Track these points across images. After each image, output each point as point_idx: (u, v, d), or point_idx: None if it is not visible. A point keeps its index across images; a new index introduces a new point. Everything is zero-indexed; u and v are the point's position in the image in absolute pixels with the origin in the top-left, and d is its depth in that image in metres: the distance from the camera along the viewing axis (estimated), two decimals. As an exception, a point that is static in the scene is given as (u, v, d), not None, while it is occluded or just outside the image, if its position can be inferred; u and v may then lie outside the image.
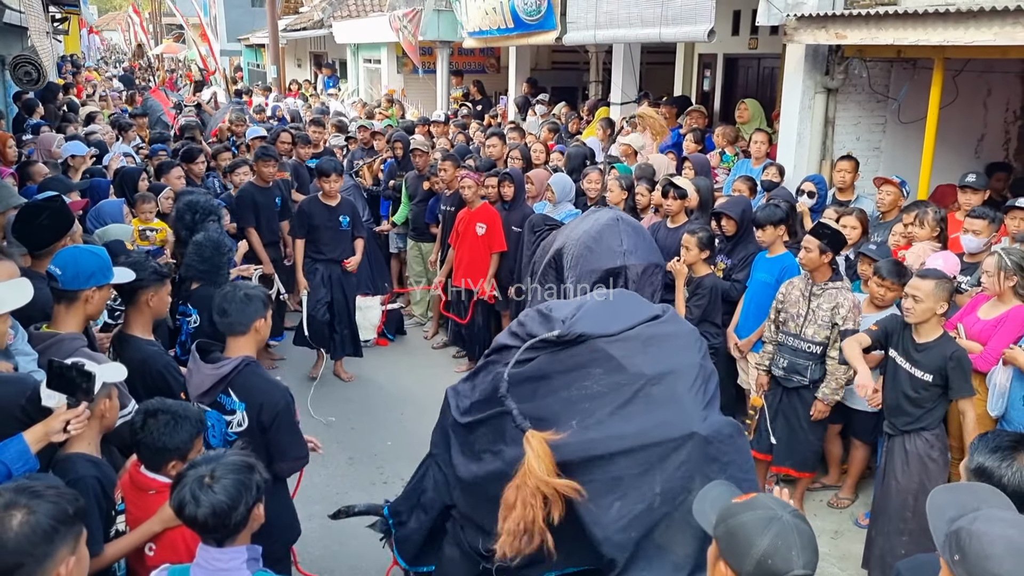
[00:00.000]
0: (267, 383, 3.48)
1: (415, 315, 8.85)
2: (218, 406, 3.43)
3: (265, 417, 3.39)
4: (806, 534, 1.89)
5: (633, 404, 3.16)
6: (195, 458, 2.45)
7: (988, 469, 2.38)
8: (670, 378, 3.21)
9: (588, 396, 3.22)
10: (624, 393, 3.18)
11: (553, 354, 3.36)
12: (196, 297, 5.12)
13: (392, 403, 6.88)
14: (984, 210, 5.29)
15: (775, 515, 1.91)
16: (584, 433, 3.12)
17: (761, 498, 1.99)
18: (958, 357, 4.20)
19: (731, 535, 1.93)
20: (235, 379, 3.42)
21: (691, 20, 7.75)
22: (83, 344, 3.38)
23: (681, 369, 3.25)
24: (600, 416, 3.16)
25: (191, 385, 3.49)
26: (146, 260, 3.92)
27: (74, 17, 21.17)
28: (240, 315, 3.49)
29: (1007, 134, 8.29)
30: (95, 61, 35.87)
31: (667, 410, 3.13)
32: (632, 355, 3.26)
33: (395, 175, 8.91)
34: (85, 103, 14.16)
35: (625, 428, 3.11)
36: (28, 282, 3.15)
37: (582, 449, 3.08)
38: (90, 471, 2.75)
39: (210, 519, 2.30)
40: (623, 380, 3.21)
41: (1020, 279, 4.52)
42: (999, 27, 5.15)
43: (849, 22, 6.18)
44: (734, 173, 7.58)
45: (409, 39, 14.10)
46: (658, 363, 3.25)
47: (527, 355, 3.39)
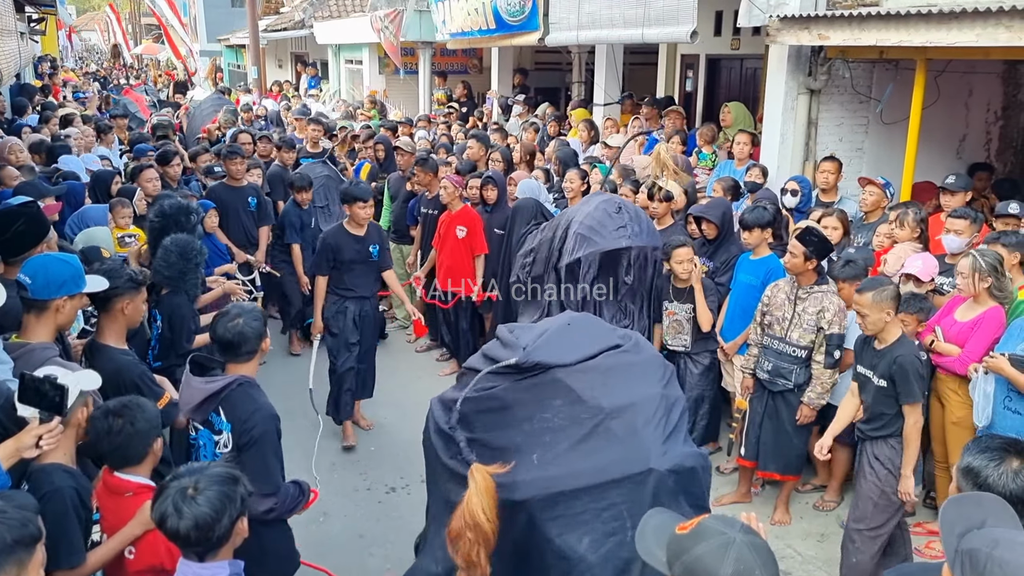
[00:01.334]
0: (253, 404, 3.31)
1: (398, 319, 8.77)
2: (209, 425, 3.33)
3: (243, 439, 3.26)
4: (763, 549, 1.85)
5: (592, 439, 3.10)
6: (178, 470, 2.38)
7: (976, 469, 2.35)
8: (629, 412, 3.13)
9: (549, 429, 3.16)
10: (584, 427, 3.12)
11: (515, 382, 3.29)
12: (163, 303, 4.94)
13: (375, 408, 6.80)
14: (966, 210, 5.30)
15: (728, 539, 1.86)
16: (544, 469, 3.06)
17: (706, 523, 1.93)
18: (901, 361, 4.11)
19: (691, 572, 1.87)
20: (226, 398, 3.29)
21: (673, 21, 7.73)
22: (55, 353, 3.30)
23: (640, 402, 3.18)
24: (559, 451, 3.10)
25: (182, 399, 3.39)
26: (121, 267, 3.84)
27: (51, 17, 20.87)
28: (247, 344, 3.35)
29: (988, 134, 8.33)
30: (74, 61, 35.48)
31: (625, 446, 3.06)
32: (591, 387, 3.19)
33: (377, 177, 8.82)
34: (63, 104, 13.96)
35: (584, 464, 3.04)
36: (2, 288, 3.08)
37: (543, 486, 3.02)
38: (67, 482, 2.68)
39: (193, 532, 2.23)
40: (582, 413, 3.15)
41: (995, 280, 4.54)
42: (981, 28, 5.15)
43: (831, 23, 6.17)
44: (717, 173, 7.57)
45: (391, 39, 14.01)
46: (617, 396, 3.18)
47: (488, 382, 3.31)
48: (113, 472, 2.89)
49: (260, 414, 3.29)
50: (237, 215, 7.43)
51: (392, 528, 5.06)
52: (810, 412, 4.99)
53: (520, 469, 3.10)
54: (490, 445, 3.23)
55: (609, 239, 5.34)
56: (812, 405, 4.97)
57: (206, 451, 3.37)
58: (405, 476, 5.66)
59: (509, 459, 3.14)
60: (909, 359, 4.12)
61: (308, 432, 5.63)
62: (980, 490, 2.36)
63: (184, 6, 30.42)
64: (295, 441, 6.13)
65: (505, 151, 8.36)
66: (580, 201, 6.17)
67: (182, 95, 19.80)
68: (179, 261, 4.88)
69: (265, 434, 3.27)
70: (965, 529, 1.90)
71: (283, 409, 3.47)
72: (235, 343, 3.31)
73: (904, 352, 4.15)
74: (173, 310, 4.89)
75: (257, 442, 3.25)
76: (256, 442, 3.25)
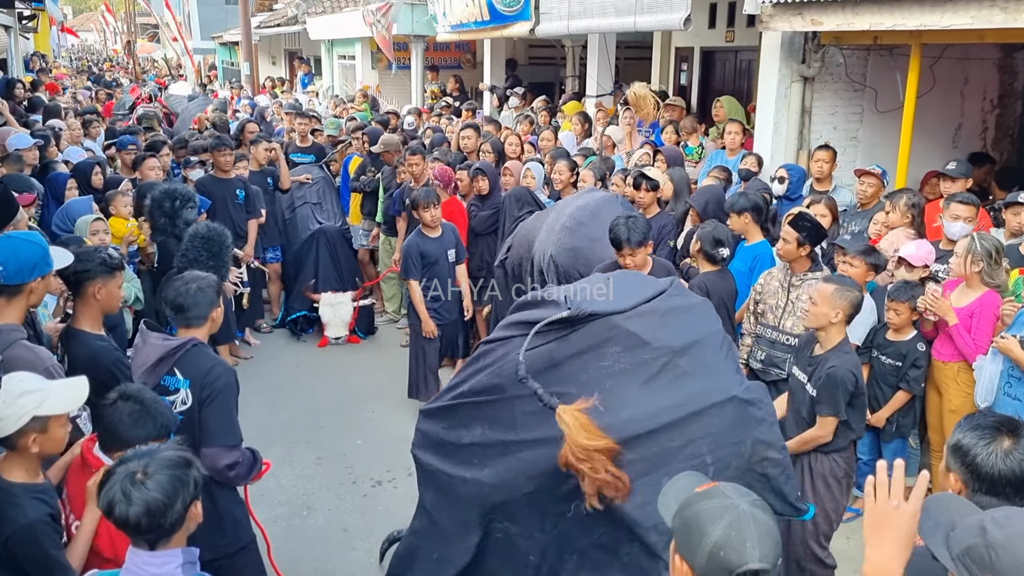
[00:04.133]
0: (212, 359, 3.35)
1: (388, 312, 8.67)
2: (162, 390, 3.24)
3: (204, 393, 3.25)
4: (764, 525, 1.74)
5: (662, 377, 3.05)
6: (126, 453, 2.24)
7: (964, 447, 2.26)
8: (697, 348, 3.12)
9: (608, 375, 3.07)
10: (651, 368, 3.06)
11: (563, 339, 3.20)
12: None
13: (363, 401, 6.71)
14: (970, 196, 5.21)
15: (730, 504, 1.76)
16: (616, 414, 2.95)
17: (721, 487, 1.85)
18: (832, 372, 3.84)
19: (685, 526, 1.79)
20: (182, 357, 3.29)
21: (666, 8, 7.61)
22: (22, 336, 3.21)
23: (707, 337, 3.18)
24: (628, 394, 3.02)
25: (135, 362, 3.35)
26: (94, 251, 3.73)
27: (43, 14, 20.74)
28: (198, 308, 3.38)
29: (984, 123, 8.24)
30: (69, 61, 35.35)
31: (701, 379, 3.04)
32: (653, 329, 3.14)
33: (367, 169, 8.73)
34: (53, 99, 13.84)
35: (660, 402, 2.99)
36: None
37: (617, 431, 2.90)
38: (40, 511, 2.54)
39: (143, 519, 2.09)
40: (648, 355, 3.08)
41: (986, 266, 4.46)
42: (976, 10, 5.07)
43: (825, 8, 6.07)
44: (709, 163, 7.49)
45: (383, 33, 13.90)
46: (682, 335, 3.15)
47: (534, 341, 3.18)
48: (94, 449, 2.82)
49: (221, 367, 3.33)
50: (225, 208, 7.34)
51: (377, 521, 4.95)
52: (804, 401, 4.89)
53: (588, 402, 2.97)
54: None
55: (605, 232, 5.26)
56: (806, 395, 4.87)
57: None
58: (392, 470, 5.56)
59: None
60: (843, 372, 3.82)
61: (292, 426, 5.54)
62: (968, 469, 2.27)
63: (178, 4, 30.32)
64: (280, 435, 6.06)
65: (496, 142, 8.26)
66: (575, 193, 6.09)
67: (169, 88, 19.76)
68: (222, 249, 5.02)
69: (228, 386, 3.30)
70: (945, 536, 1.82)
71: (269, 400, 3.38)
72: (185, 306, 3.35)
73: (839, 364, 3.86)
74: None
75: (220, 393, 3.27)
76: (219, 394, 3.27)
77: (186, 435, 3.17)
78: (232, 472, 3.32)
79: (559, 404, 2.90)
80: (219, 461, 3.25)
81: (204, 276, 3.49)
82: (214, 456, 3.24)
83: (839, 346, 3.95)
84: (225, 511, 3.38)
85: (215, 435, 3.27)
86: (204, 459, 3.18)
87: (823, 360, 3.95)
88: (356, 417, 6.45)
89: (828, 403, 3.88)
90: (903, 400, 4.82)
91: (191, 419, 3.25)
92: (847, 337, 4.03)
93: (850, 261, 4.88)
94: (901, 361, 4.79)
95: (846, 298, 3.88)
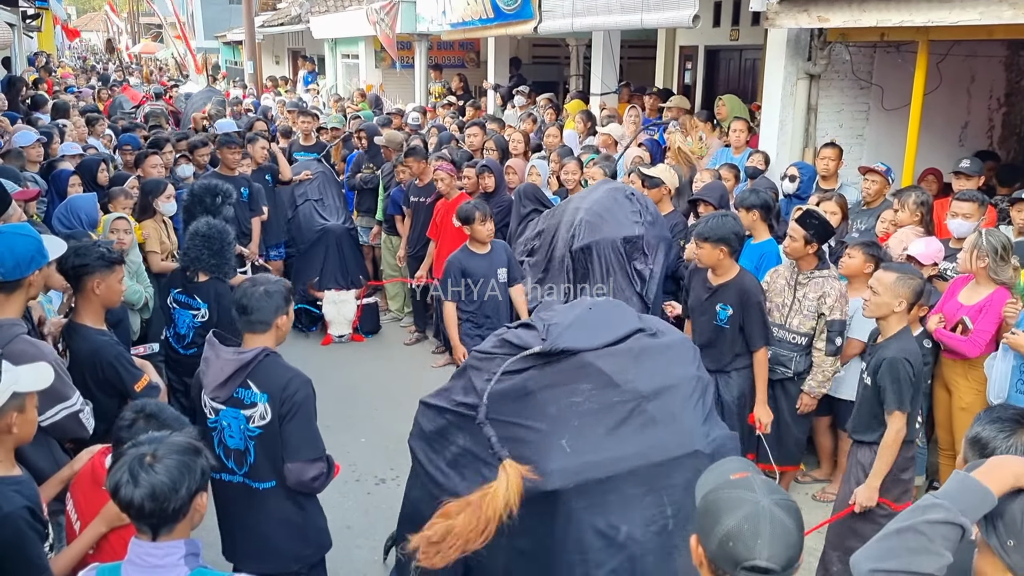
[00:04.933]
0: (288, 371, 3.22)
1: (391, 310, 8.65)
2: (235, 402, 3.16)
3: (285, 408, 3.14)
4: (782, 526, 1.69)
5: (629, 423, 3.04)
6: (138, 438, 2.21)
7: (984, 439, 2.22)
8: (667, 394, 3.10)
9: (577, 413, 3.09)
10: (619, 412, 3.06)
11: (539, 369, 3.22)
12: (205, 291, 4.97)
13: (366, 400, 6.68)
14: (973, 193, 5.19)
15: (754, 498, 1.73)
16: (579, 456, 2.98)
17: (752, 478, 1.81)
18: (891, 362, 3.75)
19: (706, 509, 1.77)
20: (256, 369, 3.15)
21: (674, 5, 7.57)
22: (23, 331, 3.19)
23: (678, 384, 3.14)
24: (593, 436, 3.02)
25: (207, 376, 3.19)
26: (93, 245, 3.70)
27: (47, 13, 20.77)
28: (261, 312, 3.20)
29: (991, 121, 8.22)
30: (73, 61, 35.36)
31: (667, 429, 3.02)
32: (624, 370, 3.13)
33: (363, 166, 8.71)
34: (57, 96, 13.84)
35: (624, 449, 2.98)
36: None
37: (578, 474, 2.94)
38: (16, 503, 2.45)
39: (147, 502, 2.06)
40: (617, 398, 3.08)
41: (991, 262, 4.43)
42: (984, 6, 5.05)
43: (832, 4, 6.04)
44: (713, 161, 7.46)
45: (386, 32, 13.90)
46: (653, 378, 3.13)
47: (513, 368, 3.23)
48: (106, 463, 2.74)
49: (299, 379, 3.20)
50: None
51: (380, 519, 4.92)
52: (810, 401, 4.86)
53: (551, 457, 3.01)
54: (513, 431, 3.15)
55: (623, 226, 5.24)
56: (813, 394, 4.84)
57: (231, 431, 3.19)
58: (395, 468, 5.53)
59: (535, 445, 3.07)
60: (899, 361, 3.73)
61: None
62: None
63: (182, 3, 30.35)
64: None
65: (500, 139, 8.24)
66: (586, 189, 6.07)
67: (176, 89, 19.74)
68: (224, 248, 4.94)
69: (307, 399, 3.20)
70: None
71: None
72: (249, 308, 3.18)
73: (895, 354, 3.77)
74: (220, 298, 4.91)
75: (301, 407, 3.16)
76: (300, 407, 3.16)
77: (266, 450, 3.14)
78: (316, 483, 3.25)
79: (507, 458, 2.96)
80: (305, 475, 3.19)
81: (275, 280, 3.31)
82: (299, 470, 3.18)
83: (899, 334, 3.87)
84: (311, 521, 3.34)
85: (300, 449, 3.17)
86: (290, 474, 3.16)
87: (879, 350, 3.89)
88: (359, 415, 6.42)
89: (891, 398, 3.76)
90: (910, 398, 4.78)
91: (271, 434, 3.15)
92: (908, 327, 3.96)
93: (848, 252, 4.87)
94: (908, 359, 4.75)
95: (908, 285, 3.81)
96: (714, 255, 4.58)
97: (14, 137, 7.00)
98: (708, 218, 4.69)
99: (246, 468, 3.19)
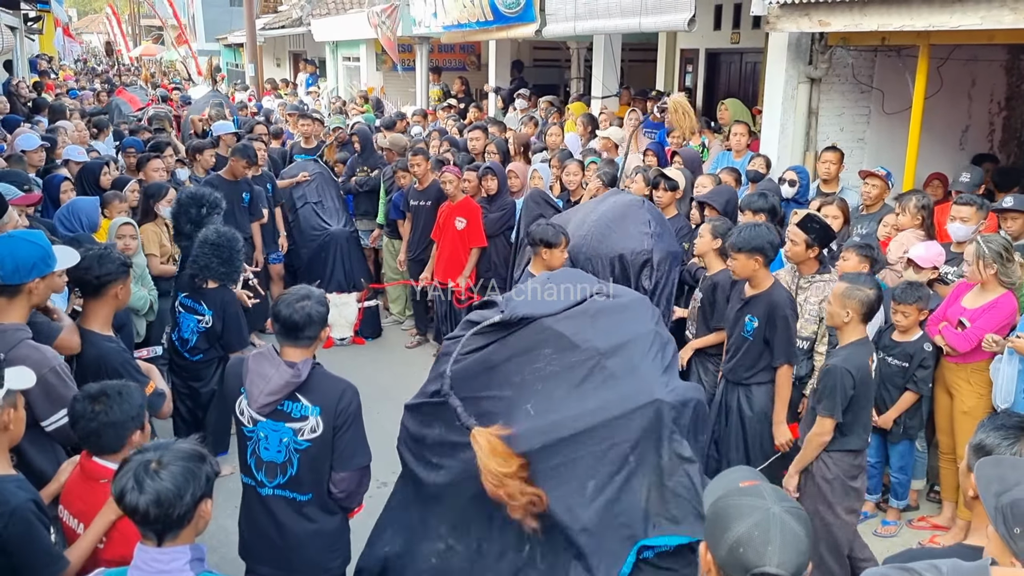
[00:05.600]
0: (339, 383, 3.22)
1: (393, 313, 8.67)
2: (280, 415, 3.13)
3: (340, 420, 3.14)
4: (792, 532, 1.71)
5: (590, 381, 3.09)
6: (144, 445, 2.26)
7: (987, 447, 2.25)
8: (625, 349, 3.14)
9: (540, 377, 3.14)
10: (579, 371, 3.11)
11: (501, 341, 3.28)
12: (212, 298, 5.03)
13: (367, 402, 6.55)
14: (972, 197, 5.20)
15: (764, 505, 1.74)
16: (543, 417, 3.04)
17: (763, 487, 1.84)
18: (830, 370, 3.83)
19: (715, 516, 1.79)
20: (307, 382, 3.13)
21: (671, 9, 7.61)
22: (27, 336, 3.20)
23: (635, 339, 3.18)
24: (557, 397, 3.08)
25: (261, 389, 3.11)
26: (110, 252, 3.72)
27: (48, 16, 20.81)
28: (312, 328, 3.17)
29: (991, 125, 8.23)
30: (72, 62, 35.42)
31: (627, 382, 3.06)
32: (582, 331, 3.18)
33: (356, 170, 8.73)
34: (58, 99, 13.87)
35: (584, 405, 3.03)
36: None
37: (543, 434, 3.00)
38: (20, 497, 2.51)
39: (152, 508, 2.10)
40: (576, 358, 3.13)
41: (1000, 267, 4.44)
42: (985, 10, 5.06)
43: (833, 8, 6.06)
44: (715, 165, 7.48)
45: (388, 35, 13.92)
46: (610, 336, 3.17)
47: (473, 343, 3.29)
48: (91, 457, 2.79)
49: (350, 389, 3.22)
50: (232, 210, 7.26)
51: (383, 522, 4.93)
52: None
53: (517, 422, 3.06)
54: (482, 406, 3.19)
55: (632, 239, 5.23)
56: (814, 397, 4.85)
57: (268, 443, 3.17)
58: (397, 471, 5.46)
59: (503, 415, 3.11)
60: (840, 371, 3.79)
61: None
62: None
63: (183, 6, 30.40)
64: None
65: (501, 142, 8.26)
66: (598, 197, 6.08)
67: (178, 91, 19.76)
68: (233, 256, 4.99)
69: (359, 408, 3.23)
70: (1002, 488, 1.85)
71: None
72: (300, 325, 3.12)
73: (839, 363, 3.82)
74: (227, 307, 5.02)
75: (355, 418, 3.20)
76: (354, 419, 3.19)
77: (312, 462, 3.13)
78: (361, 491, 3.32)
79: (475, 425, 3.01)
80: (354, 483, 3.23)
81: (316, 293, 3.24)
82: (349, 479, 3.21)
83: (852, 345, 3.90)
84: (340, 533, 3.37)
85: (352, 458, 3.20)
86: (340, 482, 3.18)
87: (832, 355, 3.95)
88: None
89: (824, 401, 3.83)
90: (910, 401, 4.79)
91: (321, 446, 3.14)
92: (866, 337, 3.96)
93: (843, 255, 4.88)
94: (908, 362, 4.76)
95: (855, 297, 3.83)
96: (749, 266, 4.43)
97: (17, 140, 7.01)
98: (741, 228, 4.53)
99: (281, 479, 3.18)
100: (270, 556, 3.33)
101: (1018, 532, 1.74)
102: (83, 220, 5.59)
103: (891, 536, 4.90)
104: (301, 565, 3.29)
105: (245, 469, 3.26)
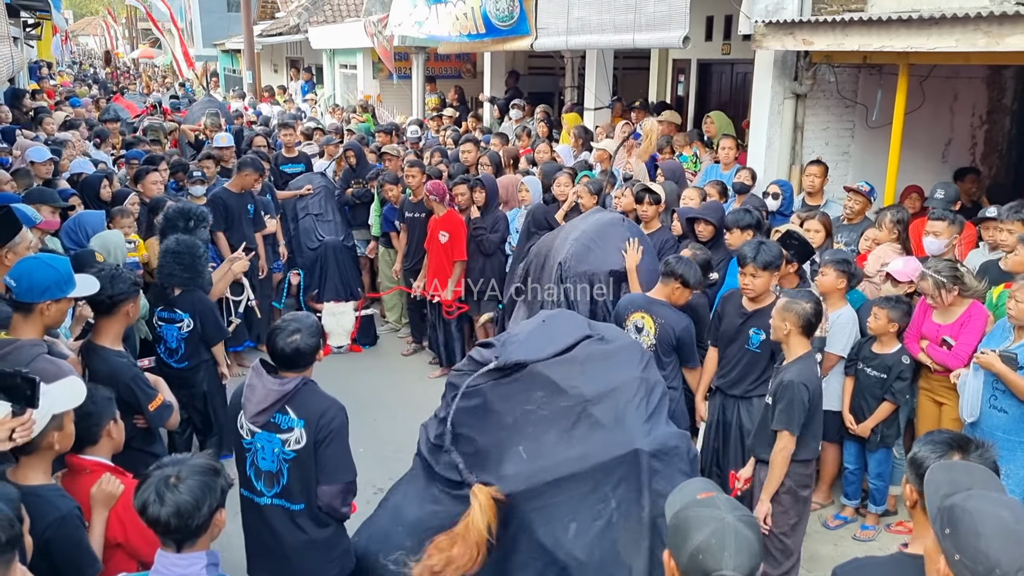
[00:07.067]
0: (325, 399, 3.39)
1: (389, 321, 8.82)
2: (272, 427, 3.33)
3: (322, 434, 3.30)
4: (746, 539, 1.91)
5: (577, 427, 3.22)
6: (162, 460, 2.45)
7: (918, 460, 2.41)
8: (610, 397, 3.26)
9: (532, 421, 3.28)
10: (568, 417, 3.24)
11: (496, 384, 3.43)
12: (183, 302, 5.22)
13: (364, 410, 6.83)
14: (945, 212, 5.37)
15: (719, 515, 1.94)
16: (532, 462, 3.18)
17: (717, 498, 2.02)
18: (787, 384, 3.92)
19: (676, 526, 1.98)
20: (295, 396, 3.32)
21: (665, 26, 7.77)
22: (43, 350, 3.35)
23: (621, 386, 3.30)
24: (547, 442, 3.22)
25: (251, 401, 3.33)
26: (123, 272, 3.92)
27: (47, 23, 20.89)
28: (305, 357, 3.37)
29: (973, 139, 8.40)
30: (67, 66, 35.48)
31: (608, 430, 3.18)
32: (571, 377, 3.32)
33: (351, 182, 8.89)
34: (58, 106, 13.96)
35: (570, 452, 3.16)
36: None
37: (529, 478, 3.15)
38: (69, 504, 2.75)
39: (173, 519, 2.30)
40: (565, 403, 3.27)
41: (961, 287, 4.60)
42: (960, 33, 5.22)
43: (816, 28, 6.24)
44: (703, 178, 7.64)
45: (384, 45, 14.08)
46: (597, 383, 3.30)
47: (473, 385, 3.46)
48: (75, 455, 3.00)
49: (334, 407, 3.37)
50: (239, 222, 7.38)
51: (380, 527, 5.08)
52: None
53: (508, 463, 3.22)
54: (477, 446, 3.35)
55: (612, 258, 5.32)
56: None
57: (264, 453, 3.35)
58: (394, 478, 5.58)
59: (495, 456, 3.26)
60: (796, 385, 3.89)
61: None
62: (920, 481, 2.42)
63: (180, 11, 30.46)
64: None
65: (494, 155, 8.41)
66: (582, 215, 6.18)
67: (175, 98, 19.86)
68: (194, 261, 5.22)
69: (342, 426, 3.36)
70: (951, 491, 1.95)
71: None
72: (292, 359, 3.33)
73: (793, 378, 3.92)
74: (198, 305, 5.27)
75: (337, 434, 3.32)
76: (336, 434, 3.32)
77: (299, 473, 3.30)
78: (345, 506, 3.44)
79: (476, 483, 3.17)
80: (336, 497, 3.37)
81: (308, 321, 3.42)
82: (333, 493, 3.35)
83: (800, 358, 4.03)
84: (337, 542, 3.50)
85: (335, 472, 3.34)
86: (323, 495, 3.34)
87: (783, 371, 4.06)
88: (358, 426, 6.41)
89: (782, 418, 3.95)
90: (888, 411, 4.92)
91: (306, 458, 3.30)
92: (811, 352, 4.09)
93: (822, 270, 4.99)
94: (886, 373, 4.88)
95: (792, 310, 3.98)
96: (769, 281, 4.58)
97: (27, 152, 7.08)
98: (754, 246, 4.57)
99: (277, 489, 3.37)
100: (269, 565, 3.50)
101: (947, 533, 1.87)
102: (88, 233, 5.71)
103: (870, 540, 5.06)
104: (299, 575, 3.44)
105: (245, 482, 3.44)
